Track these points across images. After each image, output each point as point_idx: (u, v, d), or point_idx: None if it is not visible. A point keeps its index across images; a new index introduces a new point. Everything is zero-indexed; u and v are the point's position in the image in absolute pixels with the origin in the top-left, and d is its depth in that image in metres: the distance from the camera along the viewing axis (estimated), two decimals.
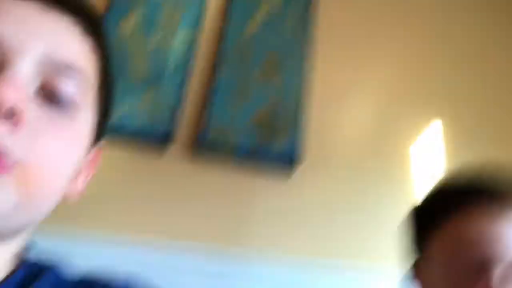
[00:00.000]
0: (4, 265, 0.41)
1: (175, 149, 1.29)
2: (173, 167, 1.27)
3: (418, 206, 0.76)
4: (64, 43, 0.41)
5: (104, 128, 0.49)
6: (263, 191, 1.31)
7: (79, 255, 0.63)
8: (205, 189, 1.26)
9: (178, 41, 1.48)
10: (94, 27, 0.45)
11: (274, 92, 1.45)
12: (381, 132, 1.50)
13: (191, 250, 1.15)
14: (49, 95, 0.39)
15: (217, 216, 1.24)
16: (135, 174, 1.24)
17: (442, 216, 0.66)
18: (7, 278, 0.41)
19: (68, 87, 0.40)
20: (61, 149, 0.39)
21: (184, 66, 1.42)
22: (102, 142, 0.50)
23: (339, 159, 1.42)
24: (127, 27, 1.51)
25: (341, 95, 1.52)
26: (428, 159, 1.48)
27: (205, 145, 1.30)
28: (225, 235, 1.22)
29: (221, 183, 1.28)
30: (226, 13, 1.58)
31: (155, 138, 1.26)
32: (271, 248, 1.22)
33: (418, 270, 0.74)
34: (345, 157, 1.43)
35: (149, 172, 1.25)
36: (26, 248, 0.45)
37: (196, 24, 1.52)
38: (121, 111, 1.28)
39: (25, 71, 0.37)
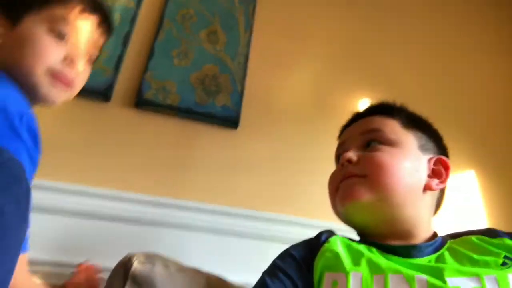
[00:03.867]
0: None
1: (117, 101, 1.29)
2: (115, 119, 1.27)
3: None
4: None
5: None
6: (203, 145, 1.33)
7: None
8: (145, 141, 1.27)
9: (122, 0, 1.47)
10: None
11: (215, 56, 1.47)
12: (318, 94, 1.56)
13: (128, 199, 1.16)
14: None
15: (156, 166, 1.25)
16: (78, 124, 1.23)
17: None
18: None
19: None
20: None
21: (130, 20, 1.42)
22: None
23: (279, 119, 1.47)
24: None
25: (282, 62, 1.56)
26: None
27: (146, 98, 1.31)
28: (163, 185, 1.23)
29: (161, 135, 1.30)
30: None
31: (98, 90, 1.26)
32: (208, 198, 1.24)
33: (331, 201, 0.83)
34: (285, 117, 1.47)
35: (92, 123, 1.24)
36: None
37: None
38: None
39: None
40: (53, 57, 0.72)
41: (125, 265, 0.76)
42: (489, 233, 0.71)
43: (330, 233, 0.74)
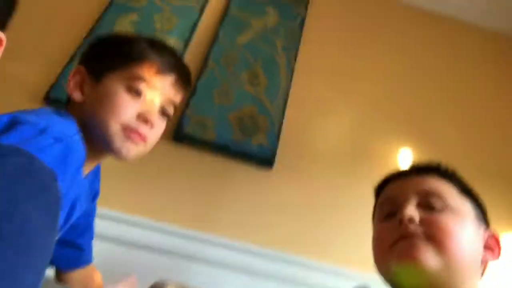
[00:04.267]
0: None
1: None
2: (154, 152, 1.29)
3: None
4: None
5: None
6: (238, 183, 1.35)
7: None
8: (181, 174, 1.30)
9: (171, 41, 1.56)
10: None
11: (255, 97, 1.51)
12: (356, 141, 1.56)
13: (161, 230, 1.17)
14: None
15: (190, 199, 1.27)
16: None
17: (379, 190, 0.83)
18: None
19: None
20: None
21: None
22: None
23: (315, 163, 1.47)
24: (122, 25, 1.58)
25: (322, 105, 1.58)
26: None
27: (185, 132, 1.35)
28: (195, 219, 1.24)
29: (197, 170, 1.32)
30: (222, 19, 1.68)
31: None
32: (239, 236, 1.24)
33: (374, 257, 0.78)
34: (321, 161, 1.47)
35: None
36: None
37: (192, 30, 1.62)
38: None
39: None
40: (128, 113, 0.76)
41: None
42: None
43: None
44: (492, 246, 0.73)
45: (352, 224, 1.35)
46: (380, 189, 0.83)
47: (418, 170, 0.79)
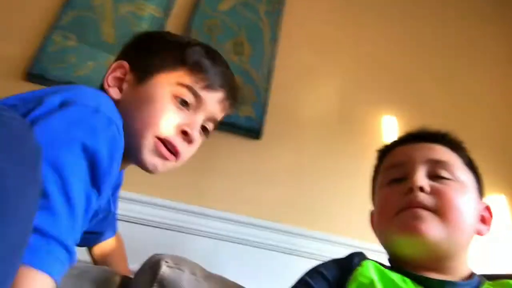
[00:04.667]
0: None
1: None
2: None
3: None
4: None
5: None
6: (226, 155, 1.35)
7: None
8: None
9: (150, 10, 1.51)
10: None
11: (240, 66, 1.49)
12: (343, 108, 1.56)
13: (153, 203, 1.18)
14: None
15: (179, 172, 1.26)
16: None
17: (384, 153, 0.83)
18: None
19: None
20: None
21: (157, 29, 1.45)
22: None
23: (303, 132, 1.48)
24: None
25: (307, 73, 1.57)
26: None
27: None
28: (186, 191, 1.25)
29: None
30: None
31: None
32: (229, 207, 1.25)
33: (372, 218, 0.80)
34: (309, 130, 1.48)
35: None
36: None
37: None
38: (83, 72, 1.32)
39: None
40: (169, 126, 0.69)
41: (153, 266, 0.76)
42: None
43: (361, 256, 0.72)
44: (486, 218, 0.75)
45: (339, 192, 1.38)
46: (385, 153, 0.82)
47: (427, 137, 0.78)
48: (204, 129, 0.75)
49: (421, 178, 0.70)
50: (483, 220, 0.75)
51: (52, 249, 0.49)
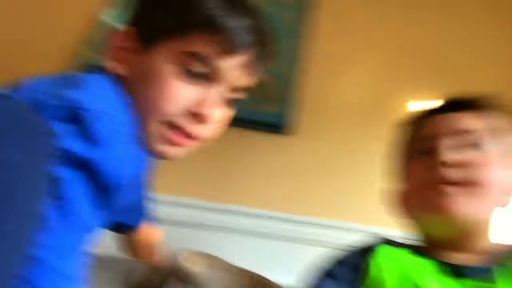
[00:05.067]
0: None
1: None
2: None
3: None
4: None
5: None
6: (254, 151, 1.35)
7: None
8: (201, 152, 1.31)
9: None
10: None
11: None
12: (374, 100, 1.51)
13: (176, 203, 1.20)
14: None
15: (206, 171, 1.28)
16: None
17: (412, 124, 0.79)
18: None
19: None
20: None
21: None
22: None
23: (333, 126, 1.44)
24: None
25: (337, 65, 1.54)
26: None
27: None
28: (214, 190, 1.26)
29: (213, 144, 1.32)
30: None
31: None
32: (258, 204, 1.25)
33: (401, 197, 0.77)
34: (339, 124, 1.45)
35: None
36: None
37: None
38: None
39: None
40: (176, 107, 0.56)
41: (169, 260, 0.77)
42: None
43: (379, 242, 0.71)
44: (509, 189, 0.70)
45: (370, 185, 1.33)
46: (413, 123, 0.79)
47: (454, 106, 0.75)
48: (228, 101, 0.61)
49: (446, 152, 0.67)
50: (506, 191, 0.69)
51: None
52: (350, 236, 1.22)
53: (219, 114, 0.60)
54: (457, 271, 0.63)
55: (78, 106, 0.48)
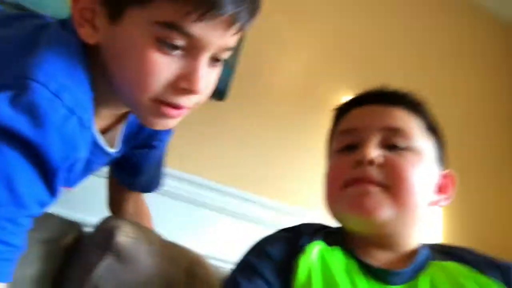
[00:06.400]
0: None
1: None
2: None
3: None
4: None
5: None
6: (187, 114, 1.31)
7: None
8: None
9: None
10: None
11: None
12: (311, 78, 1.55)
13: None
14: None
15: None
16: None
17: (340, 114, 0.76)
18: None
19: None
20: None
21: None
22: None
23: (268, 97, 1.46)
24: None
25: (278, 41, 1.53)
26: None
27: None
28: None
29: None
30: None
31: None
32: (189, 168, 1.25)
33: (324, 191, 0.74)
34: (274, 96, 1.47)
35: None
36: None
37: None
38: None
39: None
40: (160, 83, 0.54)
41: (107, 234, 0.73)
42: (483, 264, 0.65)
43: (310, 236, 0.67)
44: (445, 187, 0.71)
45: (298, 162, 1.39)
46: (341, 114, 0.75)
47: (385, 98, 0.72)
48: (215, 60, 0.58)
49: (371, 150, 0.65)
50: (440, 190, 0.70)
51: None
52: (273, 214, 1.29)
53: (206, 80, 0.57)
54: (382, 276, 0.62)
55: (27, 77, 0.47)
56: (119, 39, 0.54)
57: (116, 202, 0.89)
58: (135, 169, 0.81)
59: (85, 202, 1.02)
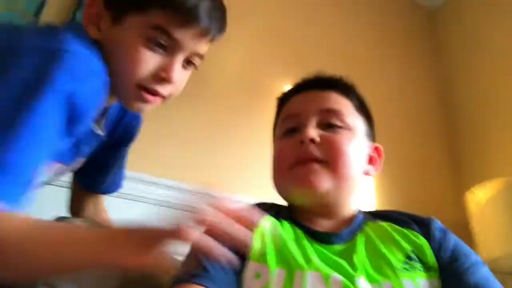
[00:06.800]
0: None
1: None
2: None
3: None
4: None
5: None
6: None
7: None
8: None
9: None
10: None
11: None
12: (248, 69, 1.61)
13: None
14: None
15: None
16: None
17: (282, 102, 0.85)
18: None
19: None
20: None
21: None
22: None
23: (209, 90, 1.50)
24: None
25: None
26: None
27: None
28: None
29: None
30: None
31: None
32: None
33: (272, 172, 0.81)
34: (216, 89, 1.52)
35: None
36: None
37: None
38: None
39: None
40: (145, 72, 0.69)
41: None
42: (409, 220, 0.74)
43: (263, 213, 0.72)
44: (373, 159, 0.80)
45: (228, 152, 1.46)
46: (283, 102, 0.84)
47: (321, 84, 0.81)
48: (188, 63, 0.74)
49: (311, 130, 0.73)
50: (371, 161, 0.80)
51: None
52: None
53: (180, 76, 0.73)
54: (326, 239, 0.71)
55: (59, 48, 0.59)
56: (117, 37, 0.69)
57: (76, 205, 0.96)
58: (102, 168, 0.91)
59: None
